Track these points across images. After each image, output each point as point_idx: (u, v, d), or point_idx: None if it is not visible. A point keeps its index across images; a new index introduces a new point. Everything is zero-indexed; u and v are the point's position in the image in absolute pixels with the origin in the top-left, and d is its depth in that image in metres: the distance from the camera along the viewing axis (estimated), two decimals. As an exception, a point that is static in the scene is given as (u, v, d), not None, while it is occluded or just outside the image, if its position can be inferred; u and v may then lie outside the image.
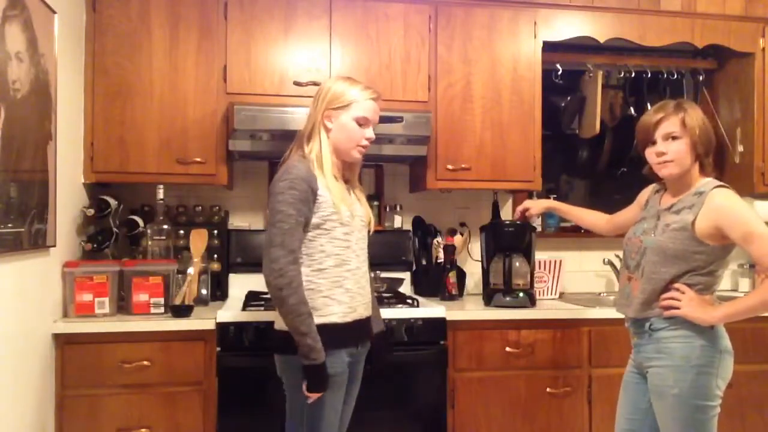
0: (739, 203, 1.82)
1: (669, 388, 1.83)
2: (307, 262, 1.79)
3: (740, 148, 3.11)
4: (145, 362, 2.26)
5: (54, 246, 2.20)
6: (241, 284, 2.81)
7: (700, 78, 3.32)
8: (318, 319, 1.76)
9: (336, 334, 1.79)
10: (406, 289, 2.94)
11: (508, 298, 2.67)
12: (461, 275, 3.00)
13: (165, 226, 2.56)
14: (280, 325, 1.82)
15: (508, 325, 2.54)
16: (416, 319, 2.42)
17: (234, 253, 2.83)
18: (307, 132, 1.88)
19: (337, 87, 1.87)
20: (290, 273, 1.70)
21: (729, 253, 1.86)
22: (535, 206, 2.46)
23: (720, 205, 1.81)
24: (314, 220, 1.79)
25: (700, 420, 1.81)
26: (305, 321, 1.70)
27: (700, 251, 1.83)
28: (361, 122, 1.87)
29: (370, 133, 1.89)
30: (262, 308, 2.38)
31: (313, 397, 1.75)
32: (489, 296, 2.71)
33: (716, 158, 3.16)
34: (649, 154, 1.94)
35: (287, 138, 2.49)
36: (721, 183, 1.88)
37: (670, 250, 1.85)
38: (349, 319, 1.82)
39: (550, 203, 2.52)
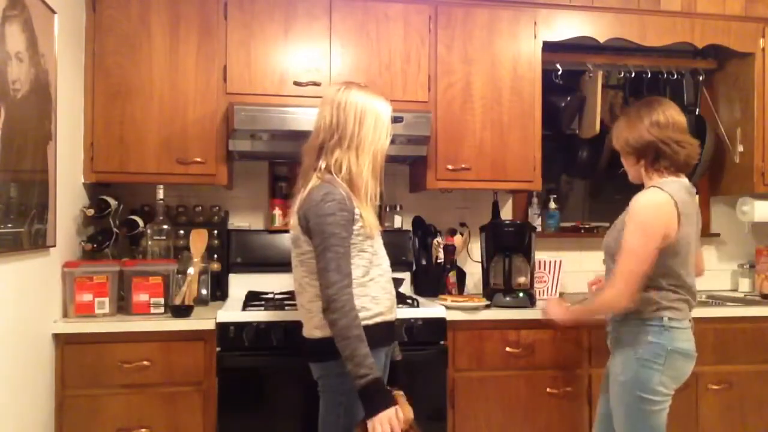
0: (644, 210, 1.88)
1: (618, 375, 1.97)
2: None
3: (740, 148, 3.11)
4: (145, 362, 2.26)
5: (54, 246, 2.20)
6: (241, 284, 2.82)
7: (700, 78, 3.32)
8: None
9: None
10: (406, 289, 2.94)
11: (508, 298, 2.67)
12: (461, 275, 3.01)
13: (165, 226, 2.56)
14: (310, 333, 1.84)
15: (508, 325, 2.54)
16: (416, 319, 2.42)
17: (234, 253, 2.83)
18: None
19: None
20: (343, 297, 1.70)
21: (665, 251, 1.88)
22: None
23: (631, 206, 1.92)
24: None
25: (643, 411, 1.91)
26: (350, 345, 1.67)
27: None
28: None
29: None
30: (262, 308, 2.38)
31: (376, 425, 1.65)
32: (489, 296, 2.71)
33: (715, 158, 3.22)
34: None
35: (287, 138, 2.52)
36: (659, 185, 1.92)
37: (611, 248, 2.00)
38: (378, 320, 1.81)
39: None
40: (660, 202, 1.88)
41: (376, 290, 1.82)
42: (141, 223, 2.65)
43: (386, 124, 1.88)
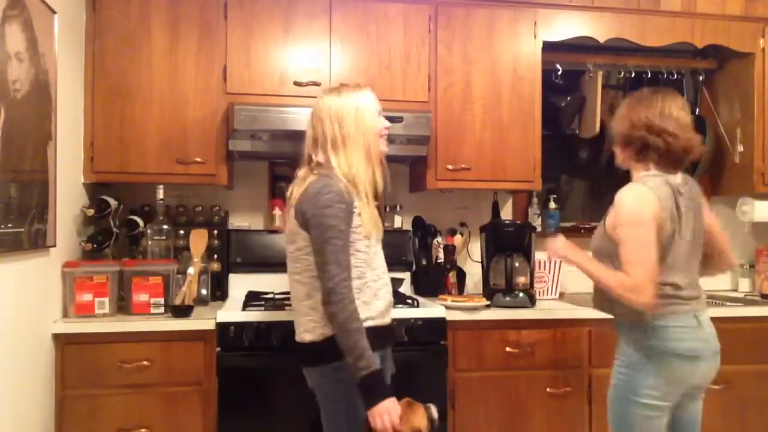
0: (629, 203, 1.80)
1: (612, 379, 1.91)
2: None
3: (740, 148, 3.11)
4: (145, 362, 2.26)
5: (54, 246, 2.20)
6: (241, 284, 2.82)
7: (700, 78, 3.32)
8: None
9: None
10: (406, 289, 2.94)
11: (508, 298, 2.67)
12: (461, 275, 3.01)
13: (165, 226, 2.56)
14: (300, 336, 1.81)
15: (508, 325, 2.54)
16: (416, 319, 2.42)
17: (234, 253, 2.83)
18: None
19: None
20: (342, 290, 1.68)
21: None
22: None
23: (616, 204, 1.84)
24: None
25: (632, 414, 1.83)
26: (351, 337, 1.66)
27: (613, 246, 1.84)
28: None
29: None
30: (262, 308, 2.38)
31: (375, 417, 1.66)
32: (489, 296, 2.71)
33: (715, 158, 3.22)
34: None
35: (287, 138, 2.51)
36: (641, 182, 1.85)
37: (601, 249, 1.92)
38: (369, 324, 1.76)
39: None
40: (642, 192, 1.80)
41: (368, 295, 1.79)
42: (141, 223, 2.65)
43: (370, 109, 1.84)
